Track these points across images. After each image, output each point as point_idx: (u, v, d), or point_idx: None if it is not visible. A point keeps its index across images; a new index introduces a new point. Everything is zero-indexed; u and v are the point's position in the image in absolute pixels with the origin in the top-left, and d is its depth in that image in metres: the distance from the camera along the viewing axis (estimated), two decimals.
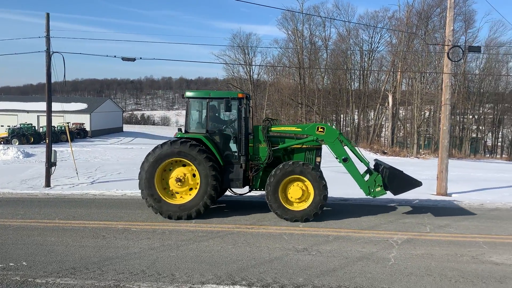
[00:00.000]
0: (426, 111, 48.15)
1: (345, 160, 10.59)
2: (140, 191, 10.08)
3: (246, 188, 10.96)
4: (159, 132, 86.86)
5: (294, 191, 9.97)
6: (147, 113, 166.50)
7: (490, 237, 8.95)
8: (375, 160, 11.77)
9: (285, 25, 59.66)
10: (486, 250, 8.02)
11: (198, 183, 9.95)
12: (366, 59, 57.18)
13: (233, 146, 10.52)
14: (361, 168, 10.91)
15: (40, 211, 10.76)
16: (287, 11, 54.58)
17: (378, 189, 10.44)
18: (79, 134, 53.94)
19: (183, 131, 10.56)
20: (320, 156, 10.91)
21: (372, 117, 54.44)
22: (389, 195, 10.82)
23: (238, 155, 10.42)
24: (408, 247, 8.11)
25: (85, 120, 58.90)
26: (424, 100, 43.15)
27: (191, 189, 10.11)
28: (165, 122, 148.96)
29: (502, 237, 8.95)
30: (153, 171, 9.90)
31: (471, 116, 55.52)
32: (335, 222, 9.89)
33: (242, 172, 10.41)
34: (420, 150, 42.61)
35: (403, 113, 52.57)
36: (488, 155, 52.98)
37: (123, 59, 15.87)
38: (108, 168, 19.74)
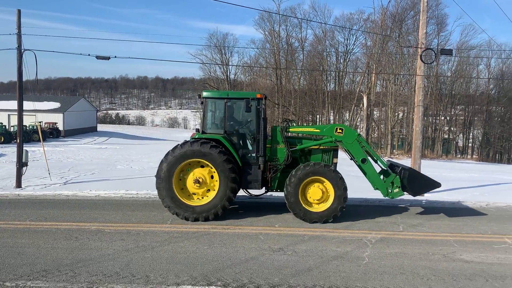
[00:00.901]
0: (399, 112, 49.03)
1: (363, 161, 10.66)
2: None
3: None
4: (134, 131, 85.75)
5: (314, 192, 9.96)
6: (122, 112, 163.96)
7: (460, 235, 9.18)
8: (389, 161, 11.81)
9: (262, 25, 59.76)
10: (457, 248, 8.22)
11: (216, 185, 9.87)
12: (341, 61, 57.77)
13: (251, 147, 10.43)
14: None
15: (10, 213, 10.48)
16: (264, 11, 54.66)
17: (396, 190, 10.54)
18: (51, 133, 52.70)
19: (200, 132, 10.42)
20: (337, 157, 10.95)
21: (347, 118, 55.08)
22: (363, 194, 11.01)
23: (256, 156, 10.33)
24: (381, 246, 8.24)
25: (58, 120, 57.58)
26: (397, 102, 43.92)
27: (208, 190, 10.02)
28: (140, 121, 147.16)
29: (472, 236, 9.20)
30: (172, 171, 9.77)
31: (443, 118, 56.81)
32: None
33: (261, 173, 10.36)
34: (394, 151, 43.38)
35: (378, 114, 53.37)
36: (459, 156, 54.35)
37: (98, 57, 15.61)
38: (82, 168, 19.39)
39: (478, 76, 57.69)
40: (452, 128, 58.50)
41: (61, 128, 56.90)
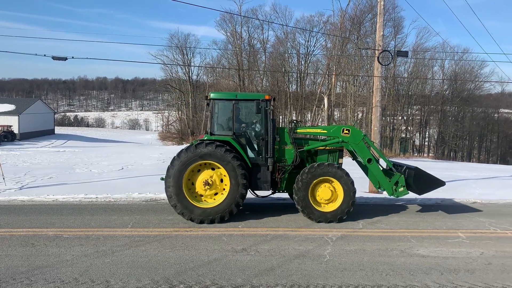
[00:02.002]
0: (359, 112, 50.16)
1: (369, 161, 10.82)
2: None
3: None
4: (93, 134, 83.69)
5: (324, 192, 10.05)
6: (80, 114, 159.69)
7: (417, 231, 9.51)
8: (393, 161, 11.95)
9: (223, 26, 59.65)
10: (414, 244, 8.51)
11: (226, 188, 9.79)
12: (303, 62, 58.52)
13: (260, 148, 10.37)
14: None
15: None
16: (225, 12, 54.57)
17: (401, 189, 10.73)
18: (6, 137, 50.65)
19: (209, 134, 10.27)
20: (342, 157, 11.05)
21: (309, 118, 55.84)
22: None
23: (265, 157, 10.29)
24: (342, 243, 8.42)
25: (13, 122, 55.38)
26: (357, 102, 44.93)
27: (216, 193, 9.94)
28: (100, 123, 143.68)
29: (428, 231, 9.55)
30: (182, 172, 9.66)
31: (400, 117, 58.56)
32: (274, 221, 10.05)
33: (270, 174, 10.32)
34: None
35: (338, 115, 54.36)
36: (416, 154, 56.15)
37: (54, 58, 15.17)
38: (39, 172, 18.72)
39: (433, 77, 60.00)
40: (409, 128, 60.40)
41: (16, 131, 54.79)
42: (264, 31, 59.98)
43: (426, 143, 64.48)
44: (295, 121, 11.21)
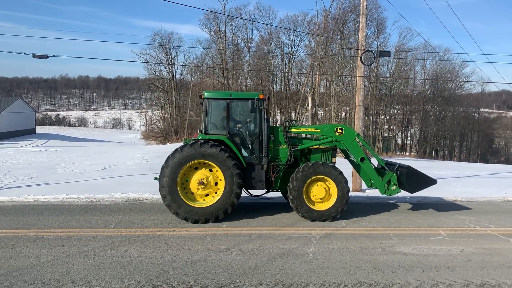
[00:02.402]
0: (342, 112, 50.50)
1: (362, 160, 10.90)
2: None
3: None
4: (75, 133, 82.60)
5: (318, 191, 10.12)
6: (62, 113, 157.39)
7: (399, 229, 9.63)
8: (386, 160, 12.04)
9: (207, 25, 59.37)
10: (396, 241, 8.61)
11: (221, 187, 9.80)
12: (287, 62, 58.61)
13: (254, 147, 10.37)
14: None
15: None
16: (209, 11, 54.36)
17: (394, 187, 10.87)
18: None
19: (203, 133, 10.23)
20: (335, 156, 11.12)
21: (293, 117, 56.04)
22: None
23: (259, 157, 10.28)
24: (325, 241, 8.48)
25: None
26: (340, 102, 45.22)
27: (210, 193, 9.95)
28: (82, 123, 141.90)
29: (410, 229, 9.68)
30: (177, 171, 9.62)
31: (383, 117, 59.15)
32: (258, 221, 10.06)
33: (264, 174, 10.32)
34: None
35: (322, 114, 54.67)
36: (398, 153, 56.77)
37: (34, 56, 14.93)
38: (19, 172, 18.39)
39: (415, 77, 60.66)
40: (391, 127, 61.09)
41: None
42: (248, 30, 59.93)
43: (408, 142, 65.26)
44: (289, 121, 11.26)
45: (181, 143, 10.50)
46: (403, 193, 11.92)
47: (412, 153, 58.83)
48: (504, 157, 76.84)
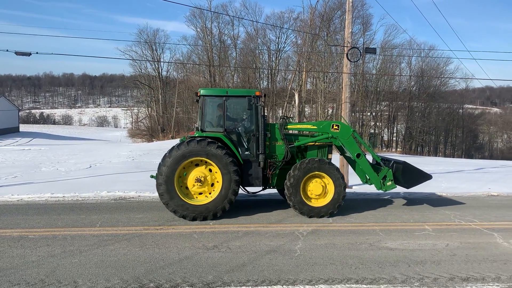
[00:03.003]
0: (329, 109, 50.72)
1: (358, 156, 10.95)
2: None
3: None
4: (60, 131, 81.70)
5: (315, 187, 10.17)
6: (46, 111, 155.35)
7: (385, 225, 9.72)
8: (381, 156, 12.10)
9: (193, 22, 59.06)
10: (382, 237, 8.68)
11: (218, 185, 9.80)
12: (273, 59, 58.64)
13: (251, 145, 10.35)
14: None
15: None
16: (195, 8, 54.18)
17: (389, 183, 10.94)
18: None
19: (200, 130, 10.20)
20: (331, 153, 11.19)
21: (280, 114, 56.09)
22: None
23: (256, 154, 10.28)
24: (312, 238, 8.51)
25: None
26: (327, 99, 45.42)
27: (208, 190, 9.95)
28: (67, 121, 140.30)
29: (396, 224, 9.77)
30: (174, 169, 9.59)
31: (369, 113, 59.61)
32: (245, 218, 10.05)
33: (261, 171, 10.33)
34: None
35: (309, 111, 54.84)
36: (385, 149, 57.33)
37: (17, 53, 14.69)
38: (2, 171, 18.11)
39: (400, 73, 61.19)
40: (377, 123, 61.58)
41: None
42: (234, 27, 59.83)
43: (394, 138, 65.89)
44: (285, 117, 11.28)
45: (168, 141, 10.43)
46: (391, 190, 12.04)
47: (398, 149, 59.45)
48: (488, 152, 78.12)
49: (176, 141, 38.85)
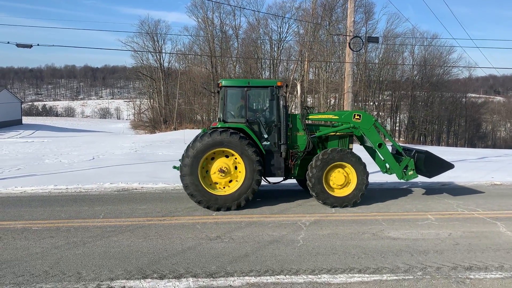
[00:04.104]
0: (331, 99, 50.59)
1: (380, 146, 10.95)
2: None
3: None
4: (63, 123, 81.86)
5: (338, 177, 10.20)
6: (49, 103, 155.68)
7: (388, 214, 9.72)
8: (402, 146, 12.05)
9: (195, 12, 58.79)
10: (385, 227, 8.68)
11: (241, 175, 9.86)
12: (275, 49, 58.37)
13: (273, 135, 10.37)
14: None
15: None
16: None
17: (411, 172, 10.96)
18: None
19: (222, 121, 10.23)
20: (352, 143, 11.18)
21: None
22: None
23: (278, 144, 10.30)
24: (315, 228, 8.52)
25: None
26: (329, 89, 45.25)
27: (231, 180, 10.00)
28: (69, 113, 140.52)
29: (398, 214, 9.76)
30: (198, 160, 9.67)
31: (372, 103, 59.38)
32: (248, 209, 10.06)
33: (283, 161, 10.36)
34: None
35: (311, 101, 54.69)
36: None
37: (18, 45, 14.70)
38: (6, 164, 18.18)
39: (403, 63, 60.88)
40: (380, 113, 61.36)
41: None
42: (236, 17, 59.44)
43: (397, 127, 65.73)
44: (306, 108, 11.27)
45: (170, 132, 10.45)
46: (392, 177, 12.04)
47: (400, 139, 59.35)
48: (491, 141, 77.90)
49: (179, 132, 38.96)
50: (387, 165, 11.30)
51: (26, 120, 77.39)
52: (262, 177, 10.47)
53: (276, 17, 53.73)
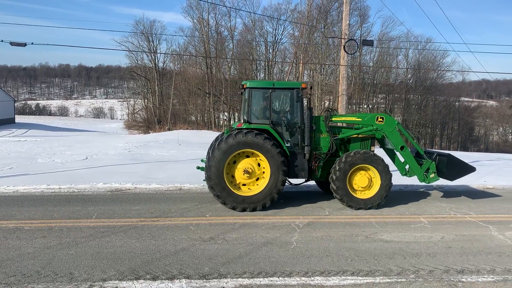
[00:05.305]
0: (326, 101, 50.68)
1: (402, 149, 10.99)
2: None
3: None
4: (56, 123, 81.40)
5: (361, 179, 10.28)
6: (42, 102, 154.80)
7: (381, 217, 9.75)
8: (424, 149, 12.11)
9: (190, 13, 58.73)
10: (378, 229, 8.71)
11: (266, 176, 9.91)
12: (270, 51, 58.43)
13: (296, 136, 10.44)
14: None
15: None
16: None
17: (432, 175, 11.00)
18: None
19: (247, 122, 10.28)
20: (374, 145, 11.25)
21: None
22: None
23: (301, 145, 10.35)
24: (309, 230, 8.53)
25: None
26: (324, 91, 45.36)
27: (257, 179, 10.05)
28: (63, 112, 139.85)
29: (392, 217, 9.80)
30: (224, 160, 9.73)
31: (366, 106, 59.59)
32: None
33: (307, 163, 10.40)
34: None
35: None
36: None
37: (12, 44, 14.62)
38: None
39: (397, 66, 61.17)
40: None
41: None
42: (231, 19, 59.69)
43: None
44: (330, 110, 11.31)
45: (164, 133, 10.45)
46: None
47: None
48: (484, 145, 78.37)
49: (173, 133, 38.88)
50: (407, 168, 11.42)
51: (19, 119, 76.86)
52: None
53: (272, 19, 53.84)
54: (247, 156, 10.09)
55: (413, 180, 13.67)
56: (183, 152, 23.35)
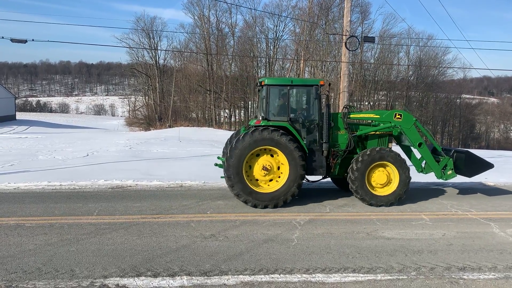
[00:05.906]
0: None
1: (420, 145, 11.00)
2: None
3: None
4: (57, 120, 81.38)
5: (379, 176, 10.31)
6: (43, 99, 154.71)
7: (382, 214, 9.74)
8: (442, 146, 12.09)
9: (191, 9, 58.65)
10: (379, 226, 8.70)
11: (285, 172, 9.91)
12: (271, 47, 58.33)
13: (315, 134, 10.46)
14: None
15: None
16: None
17: (450, 172, 11.03)
18: None
19: (265, 119, 10.25)
20: (391, 142, 11.28)
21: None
22: None
23: (319, 142, 10.37)
24: (310, 227, 8.53)
25: None
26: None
27: (274, 178, 10.11)
28: (64, 109, 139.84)
29: (393, 214, 9.79)
30: (242, 158, 9.77)
31: (367, 103, 59.52)
32: (243, 207, 10.04)
33: (325, 160, 10.42)
34: None
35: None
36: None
37: (13, 40, 14.60)
38: None
39: (398, 63, 61.04)
40: None
41: None
42: (232, 15, 59.44)
43: None
44: (348, 106, 11.29)
45: (165, 130, 10.44)
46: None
47: None
48: (485, 142, 78.29)
49: (174, 130, 38.85)
50: (423, 164, 11.45)
51: (20, 115, 76.85)
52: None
53: (273, 16, 53.74)
54: (265, 153, 10.11)
55: (414, 178, 13.66)
56: (184, 149, 23.36)
